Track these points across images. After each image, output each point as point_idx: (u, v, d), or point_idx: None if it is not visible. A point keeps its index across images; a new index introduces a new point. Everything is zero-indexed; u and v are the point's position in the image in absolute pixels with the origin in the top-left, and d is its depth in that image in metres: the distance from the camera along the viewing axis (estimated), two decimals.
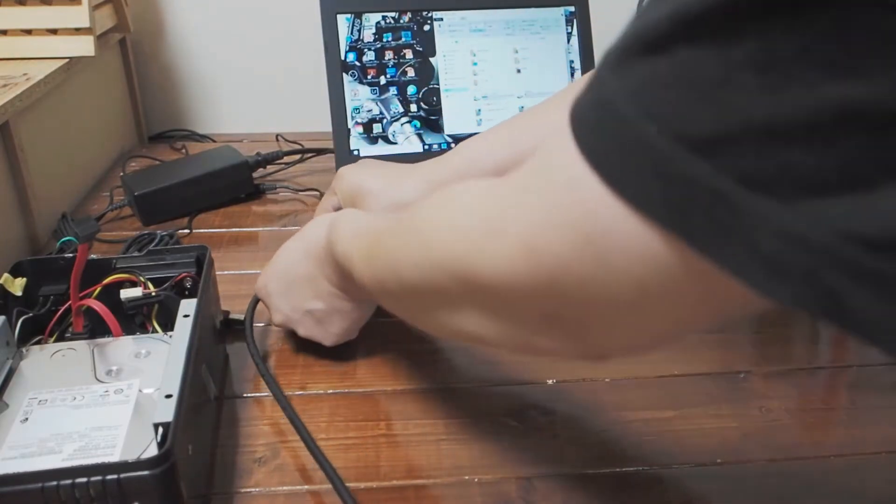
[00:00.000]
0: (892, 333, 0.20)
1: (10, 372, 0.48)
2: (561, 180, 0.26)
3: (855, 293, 0.20)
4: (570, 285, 0.27)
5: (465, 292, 0.33)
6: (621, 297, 0.26)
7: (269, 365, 0.58)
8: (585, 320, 0.29)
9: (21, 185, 0.73)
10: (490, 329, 0.33)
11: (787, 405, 0.54)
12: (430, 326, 0.40)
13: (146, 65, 1.07)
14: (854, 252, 0.19)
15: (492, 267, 0.30)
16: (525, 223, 0.28)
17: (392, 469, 0.48)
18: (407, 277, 0.37)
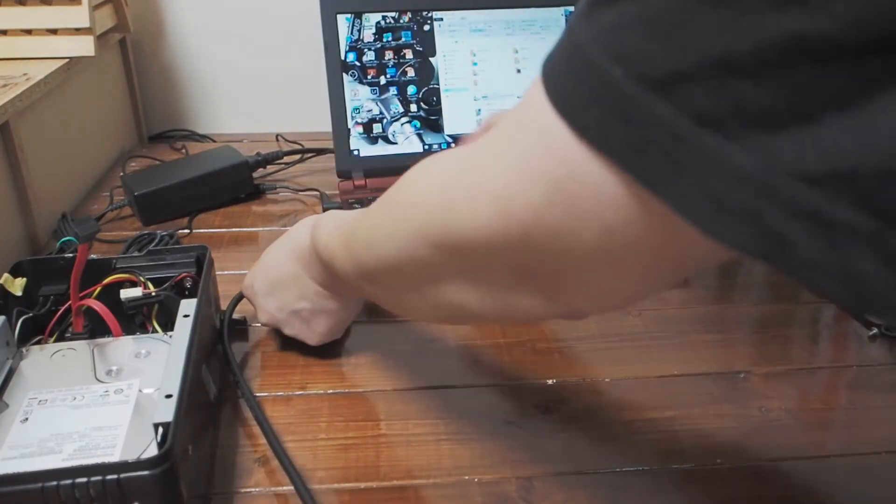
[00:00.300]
0: (828, 274, 0.20)
1: (10, 372, 0.48)
2: (532, 130, 0.27)
3: (795, 233, 0.20)
4: (543, 236, 0.28)
5: (442, 259, 0.34)
6: (591, 245, 0.27)
7: (268, 365, 0.58)
8: (558, 274, 0.30)
9: (21, 185, 0.73)
10: (470, 296, 0.34)
11: (787, 405, 0.54)
12: (415, 307, 0.40)
13: (146, 65, 1.06)
14: (796, 189, 0.19)
15: (466, 226, 0.31)
16: (497, 176, 0.29)
17: (392, 469, 0.48)
18: (385, 254, 0.38)
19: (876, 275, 0.19)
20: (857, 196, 0.19)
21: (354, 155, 0.85)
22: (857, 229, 0.19)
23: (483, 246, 0.31)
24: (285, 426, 0.51)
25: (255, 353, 0.59)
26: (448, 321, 0.39)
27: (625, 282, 0.29)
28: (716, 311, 0.65)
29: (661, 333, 0.63)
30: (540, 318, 0.34)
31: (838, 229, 0.19)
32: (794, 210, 0.20)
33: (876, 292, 0.20)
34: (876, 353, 0.60)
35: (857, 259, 0.19)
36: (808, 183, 0.19)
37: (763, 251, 0.21)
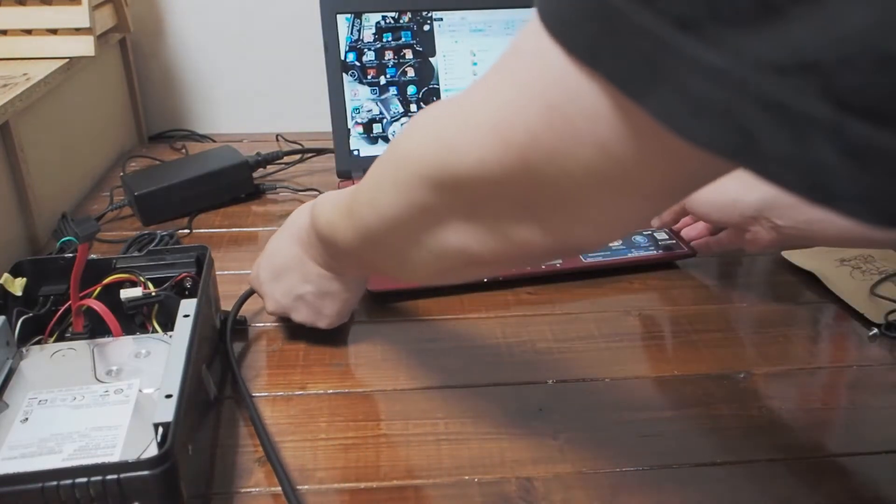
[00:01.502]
0: (791, 168, 0.21)
1: (10, 372, 0.48)
2: (528, 56, 0.29)
3: (763, 128, 0.21)
4: (540, 161, 0.29)
5: (442, 199, 0.35)
6: (587, 166, 0.28)
7: (268, 365, 0.58)
8: (556, 201, 0.31)
9: (21, 185, 0.73)
10: (470, 237, 0.36)
11: (787, 405, 0.54)
12: (417, 264, 0.41)
13: (146, 65, 1.07)
14: (764, 83, 0.20)
15: (465, 160, 0.32)
16: (495, 106, 0.30)
17: (392, 469, 0.48)
18: (387, 207, 0.39)
19: (834, 165, 0.20)
20: (819, 87, 0.19)
21: (354, 155, 0.85)
22: (819, 120, 0.20)
23: (482, 179, 0.32)
24: (285, 426, 0.52)
25: (255, 353, 0.59)
26: (450, 273, 0.40)
27: (621, 205, 0.30)
28: (716, 311, 0.65)
29: (661, 333, 0.63)
30: (540, 254, 0.35)
31: (802, 121, 0.20)
32: (763, 104, 0.20)
33: (834, 183, 0.21)
34: (876, 353, 0.60)
35: (817, 150, 0.20)
36: (776, 76, 0.20)
37: (733, 149, 0.22)
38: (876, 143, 0.19)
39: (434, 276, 0.43)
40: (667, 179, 0.28)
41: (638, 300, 0.67)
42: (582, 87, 0.26)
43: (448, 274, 0.41)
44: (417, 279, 0.47)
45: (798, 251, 0.73)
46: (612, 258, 0.71)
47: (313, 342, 0.60)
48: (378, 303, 0.66)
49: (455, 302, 0.66)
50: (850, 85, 0.19)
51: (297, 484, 0.47)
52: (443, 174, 0.34)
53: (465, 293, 0.67)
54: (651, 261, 0.72)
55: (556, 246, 0.33)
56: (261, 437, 0.49)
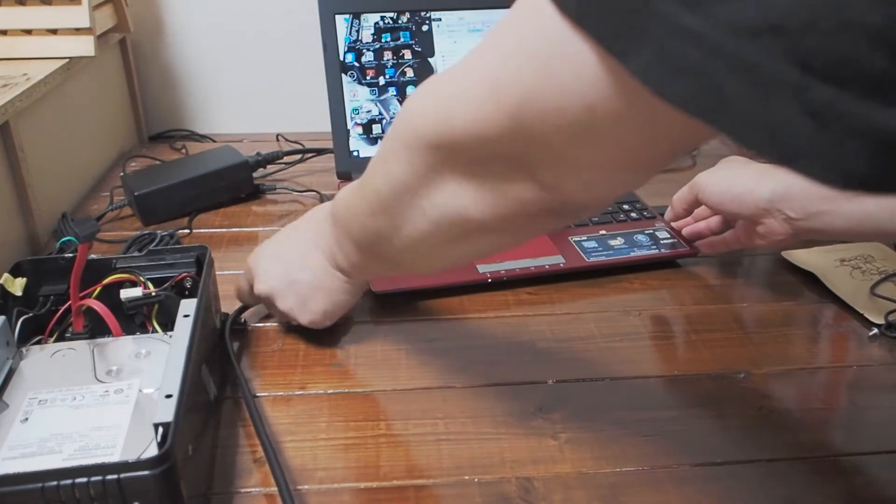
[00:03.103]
0: (757, 127, 0.22)
1: (10, 372, 0.48)
2: (523, 16, 0.30)
3: (733, 88, 0.22)
4: (532, 118, 0.30)
5: (442, 160, 0.37)
6: (576, 123, 0.29)
7: (268, 365, 0.58)
8: (548, 157, 0.32)
9: (21, 185, 0.73)
10: (470, 195, 0.37)
11: (787, 405, 0.54)
12: (416, 231, 0.42)
13: (146, 65, 1.06)
14: (736, 44, 0.21)
15: (462, 119, 0.34)
16: (489, 67, 0.32)
17: (392, 469, 0.48)
18: (393, 171, 0.41)
19: (796, 124, 0.21)
20: (785, 48, 0.21)
21: (354, 156, 0.85)
22: (785, 81, 0.21)
23: (477, 137, 0.34)
24: (285, 426, 0.52)
25: (255, 353, 0.59)
26: (453, 249, 0.42)
27: (609, 164, 0.31)
28: (716, 311, 0.65)
29: (661, 333, 0.63)
30: (536, 213, 0.36)
31: (769, 81, 0.21)
32: (734, 65, 0.22)
33: (795, 142, 0.22)
34: (876, 353, 0.60)
35: (782, 109, 0.21)
36: (747, 38, 0.21)
37: (706, 109, 0.23)
38: (835, 105, 0.21)
39: (436, 255, 0.43)
40: (650, 141, 0.29)
41: (638, 300, 0.67)
42: (571, 45, 0.27)
43: (450, 250, 0.42)
44: (420, 263, 0.47)
45: (798, 251, 0.73)
46: (614, 257, 0.71)
47: (313, 342, 0.60)
48: (378, 303, 0.66)
49: (455, 302, 0.66)
50: (814, 47, 0.20)
51: (297, 484, 0.47)
52: (441, 134, 0.36)
53: (465, 293, 0.67)
54: (653, 260, 0.72)
55: (550, 202, 0.35)
56: (261, 438, 0.49)
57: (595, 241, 0.73)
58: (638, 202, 0.81)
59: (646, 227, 0.76)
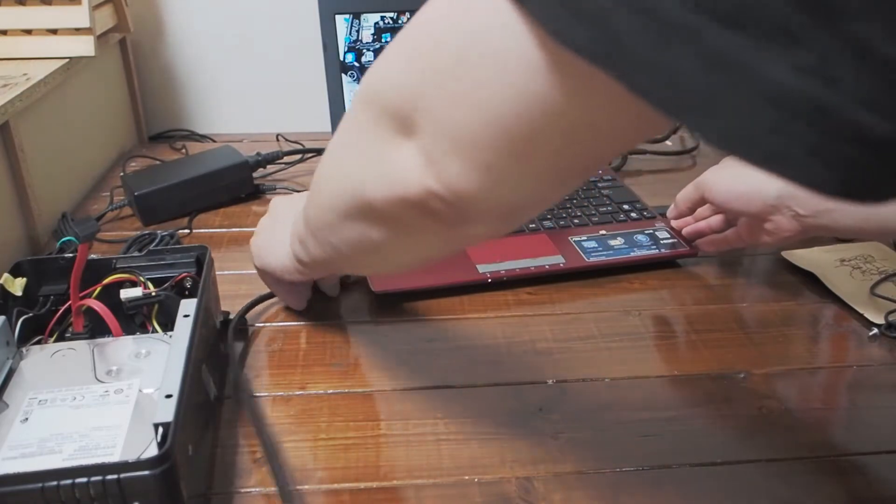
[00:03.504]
0: (654, 74, 0.21)
1: (10, 372, 0.48)
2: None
3: (632, 33, 0.21)
4: (433, 63, 0.29)
5: (378, 120, 0.34)
6: (461, 78, 0.27)
7: (268, 365, 0.58)
8: (430, 118, 0.30)
9: (21, 185, 0.73)
10: (365, 163, 0.35)
11: (787, 405, 0.54)
12: (328, 205, 0.40)
13: (146, 65, 1.06)
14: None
15: (383, 69, 0.32)
16: (418, 23, 0.31)
17: (392, 469, 0.48)
18: (344, 130, 0.38)
19: (693, 72, 0.20)
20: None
21: None
22: (682, 24, 0.20)
23: (398, 97, 0.31)
24: (285, 426, 0.52)
25: (255, 353, 0.59)
26: (359, 234, 0.39)
27: (499, 144, 0.28)
28: (716, 311, 0.65)
29: (661, 333, 0.63)
30: (420, 204, 0.32)
31: (667, 25, 0.20)
32: (632, 8, 0.21)
33: (688, 91, 0.21)
34: (876, 353, 0.60)
35: (679, 56, 0.20)
36: None
37: (604, 53, 0.22)
38: (730, 52, 0.20)
39: (340, 227, 0.40)
40: (555, 119, 0.27)
41: (638, 300, 0.67)
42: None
43: (362, 248, 0.40)
44: (328, 234, 0.44)
45: (798, 251, 0.73)
46: (614, 257, 0.71)
47: (313, 342, 0.60)
48: (378, 303, 0.66)
49: (455, 302, 0.66)
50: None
51: (297, 484, 0.47)
52: (373, 97, 0.33)
53: (465, 293, 0.67)
54: (653, 260, 0.72)
55: (434, 190, 0.31)
56: (262, 438, 0.49)
57: (595, 240, 0.73)
58: (638, 202, 0.81)
59: (646, 227, 0.76)
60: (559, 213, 0.78)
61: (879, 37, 0.18)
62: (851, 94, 0.19)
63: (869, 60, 0.19)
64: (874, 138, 0.19)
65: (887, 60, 0.19)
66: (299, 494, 0.46)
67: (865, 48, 0.19)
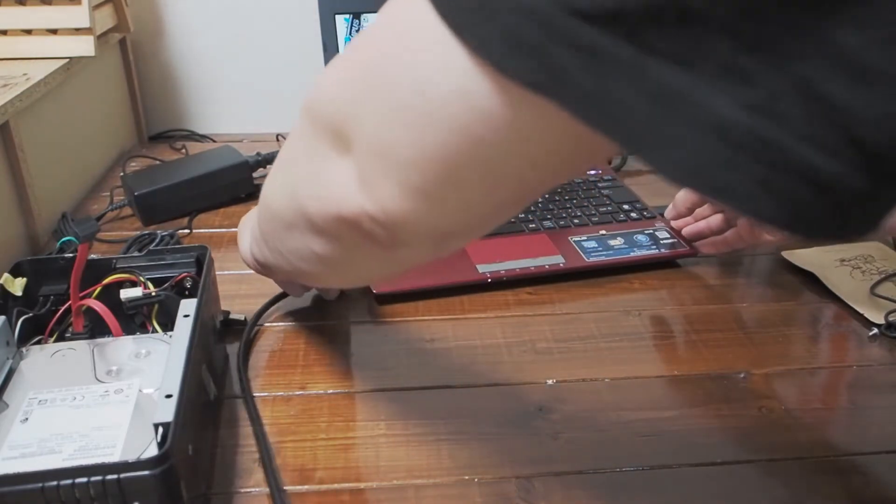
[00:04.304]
0: (597, 106, 0.21)
1: (10, 372, 0.48)
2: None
3: (573, 66, 0.21)
4: (370, 83, 0.28)
5: (315, 131, 0.33)
6: (403, 102, 0.26)
7: (268, 365, 0.58)
8: (364, 135, 0.29)
9: (21, 185, 0.73)
10: (345, 169, 0.32)
11: (787, 405, 0.54)
12: (300, 216, 0.37)
13: (146, 65, 1.06)
14: (572, 24, 0.20)
15: (323, 95, 0.32)
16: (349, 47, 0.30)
17: (392, 469, 0.48)
18: (289, 141, 0.38)
19: (638, 105, 0.21)
20: (624, 33, 0.20)
21: None
22: (625, 62, 0.20)
23: (329, 110, 0.31)
24: (285, 426, 0.52)
25: (255, 353, 0.59)
26: (294, 234, 0.38)
27: (429, 165, 0.27)
28: (716, 311, 0.65)
29: (661, 333, 0.63)
30: (354, 224, 0.31)
31: (609, 62, 0.20)
32: (573, 45, 0.21)
33: (636, 122, 0.21)
34: (876, 353, 0.60)
35: (624, 90, 0.21)
36: (584, 20, 0.20)
37: (546, 85, 0.22)
38: (677, 87, 0.20)
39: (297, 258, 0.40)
40: (492, 143, 0.26)
41: (638, 300, 0.67)
42: (418, 16, 0.25)
43: (303, 256, 0.39)
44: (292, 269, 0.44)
45: (798, 251, 0.73)
46: (614, 257, 0.71)
47: (313, 342, 0.60)
48: (378, 303, 0.66)
49: (455, 302, 0.66)
50: (654, 35, 0.19)
51: (297, 484, 0.47)
52: (311, 107, 0.33)
53: (465, 293, 0.67)
54: (653, 260, 0.72)
55: (367, 209, 0.30)
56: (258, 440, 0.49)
57: (595, 240, 0.73)
58: (638, 202, 0.81)
59: (646, 227, 0.76)
60: (559, 213, 0.78)
61: (825, 79, 0.19)
62: (798, 133, 0.19)
63: (815, 100, 0.19)
64: (821, 176, 0.20)
65: (833, 102, 0.19)
66: (300, 494, 0.46)
67: (811, 89, 0.19)
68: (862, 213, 0.21)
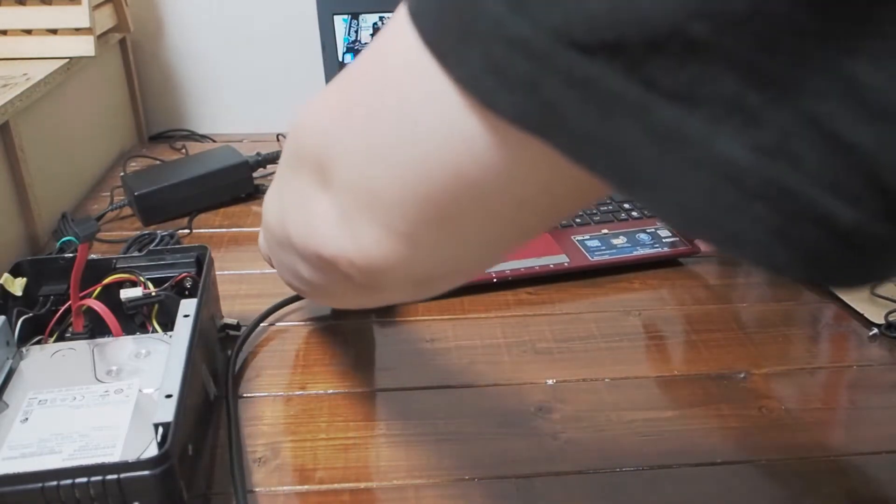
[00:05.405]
0: (597, 147, 0.20)
1: (10, 372, 0.48)
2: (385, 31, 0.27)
3: (569, 103, 0.19)
4: (351, 116, 0.26)
5: (299, 164, 0.32)
6: (387, 137, 0.25)
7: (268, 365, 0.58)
8: (343, 171, 0.27)
9: (21, 185, 0.73)
10: (326, 201, 0.31)
11: (787, 405, 0.54)
12: (286, 238, 0.36)
13: (146, 65, 1.06)
14: (568, 57, 0.19)
15: (306, 129, 0.30)
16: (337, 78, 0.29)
17: (392, 469, 0.48)
18: (275, 180, 0.37)
19: (638, 146, 0.19)
20: (624, 66, 0.18)
21: None
22: (624, 99, 0.18)
23: (311, 144, 0.29)
24: (285, 426, 0.52)
25: (255, 353, 0.59)
26: (284, 251, 0.37)
27: (415, 207, 0.25)
28: (716, 311, 0.65)
29: (662, 333, 0.63)
30: (333, 264, 0.30)
31: (607, 99, 0.19)
32: (566, 79, 0.19)
33: (637, 164, 0.19)
34: (876, 353, 0.60)
35: (622, 129, 0.19)
36: (580, 51, 0.18)
37: (539, 124, 0.20)
38: (680, 128, 0.18)
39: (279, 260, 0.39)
40: (473, 183, 0.24)
41: (638, 300, 0.67)
42: (403, 43, 0.24)
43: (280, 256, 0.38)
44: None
45: None
46: (617, 256, 0.71)
47: (313, 342, 0.60)
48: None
49: (455, 302, 0.66)
50: (657, 68, 0.18)
51: (297, 484, 0.47)
52: (295, 133, 0.32)
53: (465, 293, 0.67)
54: (655, 258, 0.72)
55: (346, 252, 0.28)
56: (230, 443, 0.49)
57: (598, 239, 0.73)
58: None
59: (647, 226, 0.76)
60: None
61: (842, 118, 0.17)
62: (815, 177, 0.18)
63: (831, 142, 0.17)
64: (840, 224, 0.18)
65: (850, 144, 0.17)
66: (300, 494, 0.46)
67: (827, 129, 0.17)
68: (887, 259, 0.19)
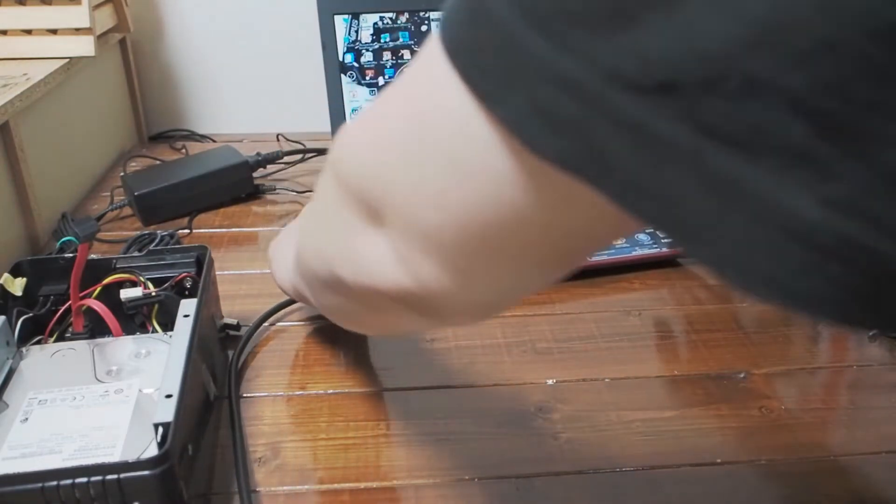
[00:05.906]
0: (648, 197, 0.19)
1: (10, 372, 0.48)
2: (419, 60, 0.26)
3: (618, 149, 0.18)
4: (395, 164, 0.26)
5: (344, 195, 0.32)
6: (435, 177, 0.25)
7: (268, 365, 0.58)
8: (397, 213, 0.27)
9: (21, 185, 0.73)
10: (373, 241, 0.31)
11: (787, 405, 0.54)
12: (333, 279, 0.36)
13: (146, 65, 1.06)
14: (618, 98, 0.18)
15: (347, 163, 0.30)
16: (374, 112, 0.28)
17: (392, 469, 0.48)
18: (318, 193, 0.36)
19: (693, 196, 0.18)
20: (679, 108, 0.17)
21: None
22: (679, 145, 0.17)
23: (356, 179, 0.29)
24: (285, 426, 0.52)
25: (255, 354, 0.59)
26: (328, 292, 0.37)
27: (470, 245, 0.26)
28: (716, 311, 0.65)
29: (661, 333, 0.63)
30: (390, 292, 0.30)
31: (660, 145, 0.18)
32: (617, 122, 0.18)
33: (692, 217, 0.18)
34: (876, 353, 0.60)
35: (676, 178, 0.18)
36: (632, 92, 0.17)
37: (587, 169, 0.19)
38: (742, 181, 0.17)
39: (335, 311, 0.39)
40: (524, 220, 0.24)
41: (638, 300, 0.67)
42: (442, 82, 0.23)
43: (340, 310, 0.38)
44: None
45: None
46: (617, 256, 0.71)
47: (313, 342, 0.60)
48: None
49: None
50: (715, 110, 0.17)
51: (297, 484, 0.47)
52: (340, 170, 0.31)
53: None
54: (655, 258, 0.72)
55: (405, 284, 0.29)
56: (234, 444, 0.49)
57: None
58: None
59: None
60: None
61: None
62: (890, 233, 0.16)
63: None
64: None
65: None
66: (300, 494, 0.46)
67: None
68: None
